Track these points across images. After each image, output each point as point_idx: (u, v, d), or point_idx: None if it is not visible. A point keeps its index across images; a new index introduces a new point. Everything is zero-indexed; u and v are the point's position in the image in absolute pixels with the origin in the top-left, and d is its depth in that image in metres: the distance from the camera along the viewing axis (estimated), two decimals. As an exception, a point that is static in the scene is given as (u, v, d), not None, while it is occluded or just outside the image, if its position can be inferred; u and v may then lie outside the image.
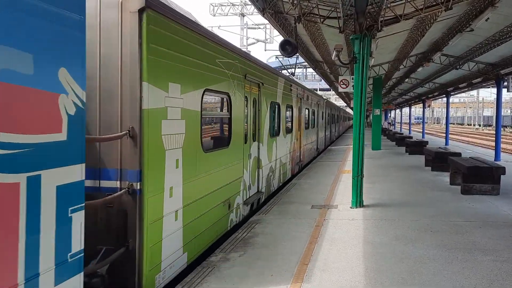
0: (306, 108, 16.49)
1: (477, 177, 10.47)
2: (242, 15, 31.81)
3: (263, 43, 32.86)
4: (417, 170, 15.29)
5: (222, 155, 6.68)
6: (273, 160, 10.64)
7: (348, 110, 70.82)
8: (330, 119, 29.36)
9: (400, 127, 58.67)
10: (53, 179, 2.89)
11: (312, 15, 10.57)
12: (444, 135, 31.79)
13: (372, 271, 5.40)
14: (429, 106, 38.13)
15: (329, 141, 29.56)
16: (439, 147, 17.51)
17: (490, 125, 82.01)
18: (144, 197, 4.35)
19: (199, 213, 5.76)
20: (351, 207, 9.05)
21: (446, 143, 28.46)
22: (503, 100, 19.76)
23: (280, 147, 11.52)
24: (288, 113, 12.86)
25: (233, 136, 7.25)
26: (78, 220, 3.14)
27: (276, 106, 11.08)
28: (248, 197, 8.41)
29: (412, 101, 44.73)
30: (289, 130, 12.87)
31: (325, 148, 25.71)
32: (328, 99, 35.32)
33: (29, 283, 2.73)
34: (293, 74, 22.58)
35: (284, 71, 23.56)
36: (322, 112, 23.39)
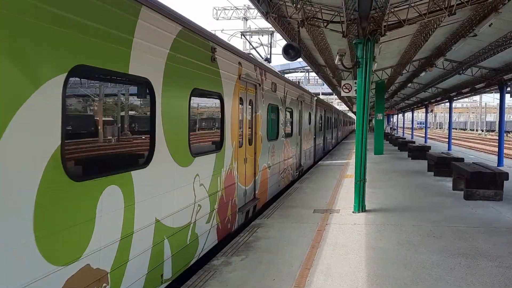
0: (271, 106, 10.42)
1: (480, 183, 10.43)
2: (245, 19, 31.89)
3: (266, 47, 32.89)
4: (419, 175, 15.24)
5: None
6: (109, 243, 3.87)
7: (349, 113, 70.63)
8: (324, 123, 23.31)
9: (403, 132, 58.61)
10: None
11: (316, 19, 10.58)
12: (447, 140, 31.72)
13: (374, 276, 5.37)
14: (431, 111, 38.15)
15: (322, 152, 23.11)
16: (442, 152, 17.47)
17: (493, 131, 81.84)
18: None
19: None
20: (353, 212, 9.01)
21: (449, 148, 28.40)
22: (506, 105, 19.71)
23: (166, 194, 4.93)
24: (211, 110, 6.86)
25: None
26: None
27: (144, 91, 4.67)
28: None
29: (415, 106, 44.69)
30: (211, 147, 6.64)
31: (314, 164, 19.43)
32: (331, 103, 35.08)
33: None
34: (268, 59, 16.23)
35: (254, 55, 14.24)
36: (309, 114, 17.49)
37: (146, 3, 4.42)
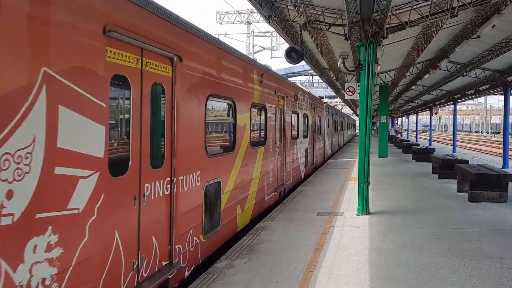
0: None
1: (485, 185, 10.39)
2: (248, 23, 31.99)
3: (269, 50, 32.99)
4: (424, 177, 15.20)
5: None
6: None
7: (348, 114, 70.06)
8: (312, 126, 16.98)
9: (407, 135, 58.44)
10: None
11: (318, 22, 10.61)
12: (452, 142, 31.62)
13: (378, 278, 5.37)
14: (436, 113, 38.00)
15: (312, 169, 16.97)
16: (446, 154, 17.42)
17: (498, 133, 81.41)
18: None
19: None
20: (357, 214, 9.01)
21: (454, 151, 28.28)
22: (510, 107, 19.65)
23: None
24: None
25: None
26: None
27: None
28: None
29: (419, 108, 44.59)
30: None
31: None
32: (335, 106, 34.98)
33: None
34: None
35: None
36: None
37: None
